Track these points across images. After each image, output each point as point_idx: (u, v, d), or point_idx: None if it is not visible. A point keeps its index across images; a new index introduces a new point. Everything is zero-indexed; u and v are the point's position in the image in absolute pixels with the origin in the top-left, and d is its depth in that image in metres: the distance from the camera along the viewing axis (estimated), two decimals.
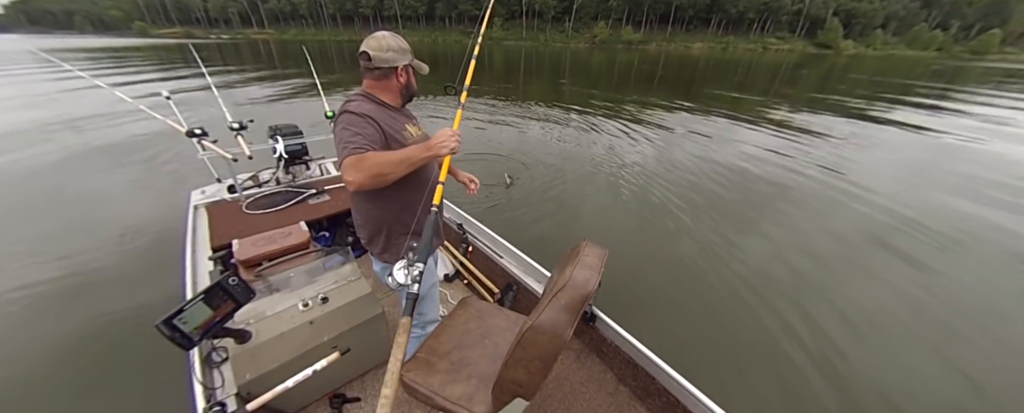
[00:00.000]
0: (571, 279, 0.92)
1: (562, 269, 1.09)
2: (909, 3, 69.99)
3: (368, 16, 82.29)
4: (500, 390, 1.04)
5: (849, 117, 10.17)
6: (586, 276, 0.93)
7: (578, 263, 0.97)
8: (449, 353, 1.33)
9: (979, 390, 2.22)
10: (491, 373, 1.29)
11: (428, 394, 1.20)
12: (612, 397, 1.70)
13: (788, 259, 3.44)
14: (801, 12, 66.91)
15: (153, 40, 58.95)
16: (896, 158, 6.67)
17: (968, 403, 2.15)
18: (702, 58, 37.84)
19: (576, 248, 1.12)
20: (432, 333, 1.42)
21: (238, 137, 2.48)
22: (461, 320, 1.48)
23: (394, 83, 1.23)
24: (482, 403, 1.17)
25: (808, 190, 5.08)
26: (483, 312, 1.54)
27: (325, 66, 20.08)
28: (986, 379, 2.29)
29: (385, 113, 1.21)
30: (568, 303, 0.90)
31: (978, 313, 2.88)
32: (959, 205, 4.80)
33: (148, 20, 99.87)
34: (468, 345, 1.38)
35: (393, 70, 1.20)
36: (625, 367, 1.67)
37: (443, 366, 1.29)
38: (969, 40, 70.54)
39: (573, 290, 0.91)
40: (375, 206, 1.30)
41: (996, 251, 3.77)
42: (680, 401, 1.42)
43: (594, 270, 0.97)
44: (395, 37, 1.20)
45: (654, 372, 1.51)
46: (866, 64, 36.51)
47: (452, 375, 1.26)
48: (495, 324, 1.49)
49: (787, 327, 2.63)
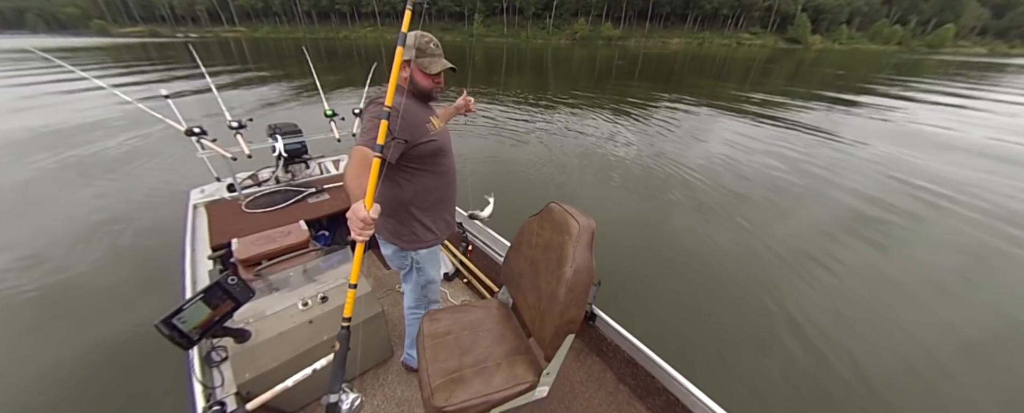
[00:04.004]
0: (579, 226, 1.12)
1: (548, 225, 1.25)
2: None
3: (345, 13, 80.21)
4: (557, 336, 1.14)
5: (828, 108, 10.62)
6: (585, 221, 1.13)
7: (570, 214, 1.17)
8: (462, 362, 1.29)
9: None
10: (512, 347, 1.33)
11: (481, 400, 1.17)
12: (612, 396, 1.70)
13: (789, 259, 3.47)
14: (772, 8, 69.14)
15: (115, 40, 56.00)
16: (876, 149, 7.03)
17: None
18: (680, 53, 38.67)
19: (547, 210, 1.28)
20: (427, 358, 1.33)
21: (237, 136, 2.45)
22: (441, 335, 1.42)
23: (403, 77, 1.27)
24: (533, 364, 1.22)
25: (808, 189, 5.15)
26: (449, 317, 1.49)
27: (302, 64, 19.52)
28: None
29: (410, 104, 1.25)
30: (587, 242, 1.10)
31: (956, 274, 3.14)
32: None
33: (108, 18, 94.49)
34: (470, 346, 1.36)
35: (407, 63, 1.25)
36: (625, 366, 1.67)
37: (469, 373, 1.25)
38: (926, 34, 74.51)
39: (585, 233, 1.11)
40: (391, 188, 1.34)
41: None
42: (680, 400, 1.42)
43: (583, 214, 1.17)
44: (417, 36, 1.25)
45: (654, 371, 1.52)
46: (833, 58, 38.07)
47: (485, 373, 1.24)
48: (468, 319, 1.47)
49: (787, 327, 2.65)
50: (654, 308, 2.81)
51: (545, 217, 1.27)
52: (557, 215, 1.22)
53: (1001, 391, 2.24)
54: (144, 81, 12.57)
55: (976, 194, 5.01)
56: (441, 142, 1.34)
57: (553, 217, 1.23)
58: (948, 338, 2.61)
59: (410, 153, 1.26)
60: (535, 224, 1.32)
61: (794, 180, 5.32)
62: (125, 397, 2.01)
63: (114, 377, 2.12)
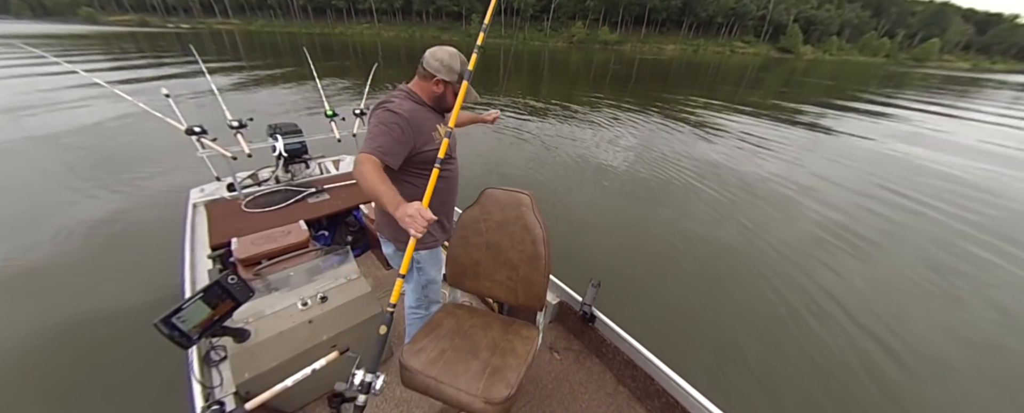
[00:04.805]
0: (526, 196, 1.35)
1: (494, 208, 1.39)
2: (861, 11, 75.07)
3: (342, 9, 79.50)
4: (546, 284, 1.36)
5: (816, 117, 10.86)
6: (527, 192, 1.36)
7: (512, 190, 1.38)
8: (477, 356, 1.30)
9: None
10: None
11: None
12: (611, 398, 1.69)
13: (788, 259, 3.51)
14: (765, 18, 70.40)
15: (103, 28, 54.76)
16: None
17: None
18: (675, 59, 39.14)
19: (485, 196, 1.40)
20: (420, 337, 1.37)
21: (237, 135, 2.44)
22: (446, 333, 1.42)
23: (431, 88, 1.31)
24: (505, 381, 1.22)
25: (809, 189, 5.26)
26: (453, 322, 1.46)
27: (299, 60, 19.31)
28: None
29: (421, 111, 1.30)
30: (536, 207, 1.35)
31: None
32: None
33: (96, 6, 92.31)
34: (471, 347, 1.37)
35: (432, 77, 1.29)
36: (624, 368, 1.67)
37: (477, 364, 1.26)
38: (912, 47, 76.58)
39: (533, 200, 1.35)
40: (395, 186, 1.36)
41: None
42: (679, 402, 1.42)
43: (519, 190, 1.38)
44: (453, 57, 1.28)
45: (653, 373, 1.52)
46: (823, 68, 38.89)
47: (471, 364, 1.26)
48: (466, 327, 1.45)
49: (787, 328, 2.68)
50: (653, 310, 2.84)
51: (486, 203, 1.38)
52: (500, 195, 1.37)
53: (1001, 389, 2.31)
54: (141, 78, 12.28)
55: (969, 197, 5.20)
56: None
57: (497, 199, 1.37)
58: (947, 338, 2.69)
59: (415, 158, 1.29)
60: (476, 213, 1.39)
61: (794, 181, 5.43)
62: (124, 397, 1.99)
63: (113, 376, 2.10)
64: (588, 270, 2.94)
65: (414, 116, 1.25)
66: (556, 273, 1.91)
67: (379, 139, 1.17)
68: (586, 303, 1.74)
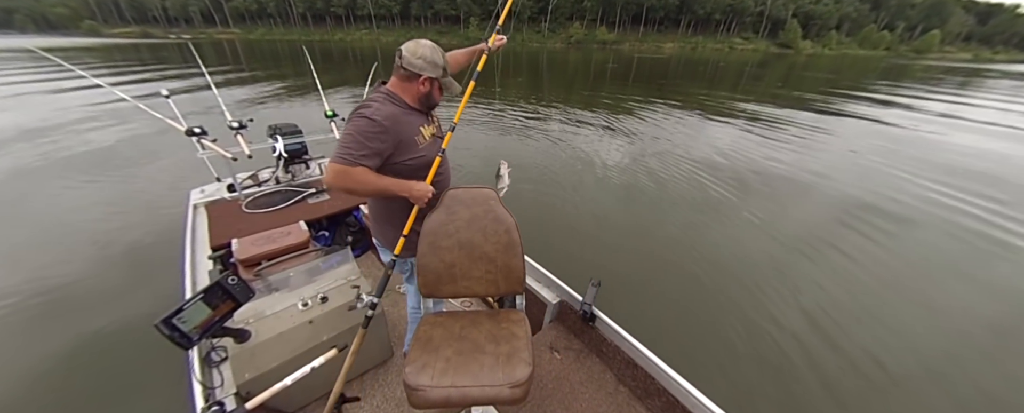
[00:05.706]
0: (490, 190, 1.40)
1: (460, 206, 1.40)
2: (860, 5, 74.70)
3: (341, 16, 80.00)
4: (522, 267, 1.41)
5: (822, 110, 10.80)
6: (488, 187, 1.41)
7: (472, 187, 1.41)
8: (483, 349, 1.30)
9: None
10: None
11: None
12: (612, 397, 1.69)
13: (788, 257, 3.50)
14: (763, 13, 70.17)
15: (106, 40, 55.40)
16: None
17: None
18: (674, 57, 39.07)
19: (449, 197, 1.41)
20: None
21: (237, 136, 2.46)
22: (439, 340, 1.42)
23: (416, 88, 1.26)
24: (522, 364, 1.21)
25: (808, 190, 5.21)
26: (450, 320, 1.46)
27: (299, 66, 19.43)
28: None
29: (403, 114, 1.24)
30: (499, 198, 1.41)
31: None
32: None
33: (99, 19, 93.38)
34: (473, 345, 1.36)
35: (417, 76, 1.23)
36: (625, 367, 1.67)
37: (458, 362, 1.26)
38: (913, 40, 76.10)
39: (495, 193, 1.39)
40: (385, 199, 1.36)
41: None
42: (680, 401, 1.42)
43: (480, 186, 1.42)
44: (434, 51, 1.23)
45: (654, 372, 1.52)
46: (823, 63, 38.72)
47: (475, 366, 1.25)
48: (465, 330, 1.44)
49: (787, 328, 2.67)
50: (654, 309, 2.82)
51: (451, 204, 1.39)
52: (464, 194, 1.40)
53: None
54: (141, 79, 12.43)
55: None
56: (429, 156, 1.32)
57: (460, 198, 1.39)
58: (948, 340, 2.65)
59: (396, 167, 1.25)
60: (442, 216, 1.38)
61: (797, 178, 5.41)
62: (124, 397, 2.00)
63: (113, 377, 2.11)
64: (588, 270, 2.92)
65: (395, 123, 1.19)
66: (556, 273, 1.90)
67: (358, 149, 1.12)
68: (586, 303, 1.73)
